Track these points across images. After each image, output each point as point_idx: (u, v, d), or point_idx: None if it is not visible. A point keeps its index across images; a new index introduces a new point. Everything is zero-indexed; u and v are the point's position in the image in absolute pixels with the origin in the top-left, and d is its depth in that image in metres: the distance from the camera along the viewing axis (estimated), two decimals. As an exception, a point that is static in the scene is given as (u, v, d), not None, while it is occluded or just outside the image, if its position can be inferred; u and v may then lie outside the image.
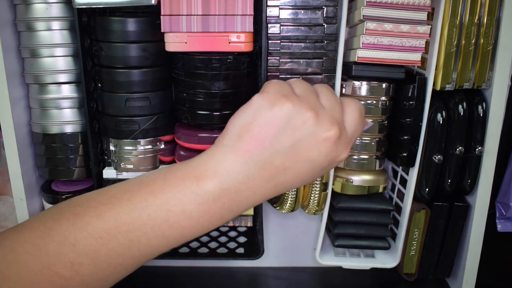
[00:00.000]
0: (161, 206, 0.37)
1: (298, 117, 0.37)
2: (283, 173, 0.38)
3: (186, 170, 0.38)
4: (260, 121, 0.37)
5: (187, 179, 0.37)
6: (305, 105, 0.38)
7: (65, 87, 0.64)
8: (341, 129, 0.39)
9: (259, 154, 0.37)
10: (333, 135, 0.38)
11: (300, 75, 0.61)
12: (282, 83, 0.40)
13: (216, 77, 0.59)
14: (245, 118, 0.38)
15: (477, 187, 0.65)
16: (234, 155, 0.37)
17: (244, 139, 0.37)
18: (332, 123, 0.38)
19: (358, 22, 0.59)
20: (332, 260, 0.72)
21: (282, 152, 0.38)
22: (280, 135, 0.37)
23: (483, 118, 0.62)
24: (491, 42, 0.59)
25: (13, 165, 0.63)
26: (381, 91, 0.61)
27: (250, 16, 0.57)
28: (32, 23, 0.61)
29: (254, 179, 0.38)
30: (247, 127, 0.38)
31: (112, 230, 0.36)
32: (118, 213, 0.37)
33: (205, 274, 0.79)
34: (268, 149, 0.37)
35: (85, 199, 0.39)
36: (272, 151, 0.37)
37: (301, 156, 0.38)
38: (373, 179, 0.66)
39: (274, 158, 0.38)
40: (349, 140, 0.41)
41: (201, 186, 0.37)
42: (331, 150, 0.39)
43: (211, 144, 0.62)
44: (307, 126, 0.37)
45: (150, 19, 0.59)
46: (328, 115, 0.39)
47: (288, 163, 0.38)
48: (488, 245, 0.68)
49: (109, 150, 0.65)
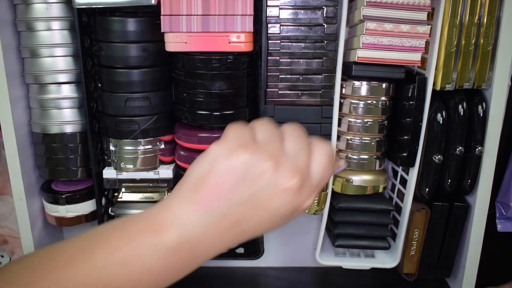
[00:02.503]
0: (121, 265, 0.35)
1: (255, 168, 0.36)
2: (244, 223, 0.37)
3: (143, 222, 0.37)
4: (216, 172, 0.36)
5: (145, 232, 0.36)
6: (264, 154, 0.36)
7: (65, 87, 0.64)
8: (303, 178, 0.37)
9: (217, 206, 0.36)
10: (294, 186, 0.36)
11: (300, 75, 0.61)
12: (243, 129, 0.38)
13: (216, 77, 0.59)
14: (202, 169, 0.37)
15: (477, 187, 0.64)
16: (192, 207, 0.36)
17: (201, 191, 0.36)
18: (293, 172, 0.36)
19: (358, 22, 0.59)
20: (332, 260, 0.72)
21: (240, 203, 0.36)
22: (238, 186, 0.36)
23: (483, 118, 0.62)
24: (491, 42, 0.59)
25: (13, 165, 0.63)
26: (381, 91, 0.61)
27: (250, 16, 0.57)
28: (32, 23, 0.61)
29: (213, 230, 0.36)
30: (204, 178, 0.36)
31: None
32: (77, 276, 0.35)
33: (205, 274, 0.79)
34: (225, 200, 0.36)
35: (39, 263, 0.37)
36: (230, 203, 0.36)
37: (261, 206, 0.37)
38: (373, 179, 0.66)
39: (232, 209, 0.36)
40: (315, 188, 0.39)
41: (159, 238, 0.36)
42: (292, 200, 0.37)
43: (211, 144, 0.63)
44: (265, 176, 0.36)
45: (150, 19, 0.59)
46: (290, 164, 0.37)
47: (248, 213, 0.37)
48: (488, 245, 0.68)
49: (109, 150, 0.65)
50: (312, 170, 0.39)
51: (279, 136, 0.39)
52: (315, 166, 0.39)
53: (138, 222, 0.37)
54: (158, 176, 0.65)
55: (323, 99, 0.62)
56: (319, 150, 0.39)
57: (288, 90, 0.62)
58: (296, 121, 0.63)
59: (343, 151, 0.65)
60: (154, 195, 0.70)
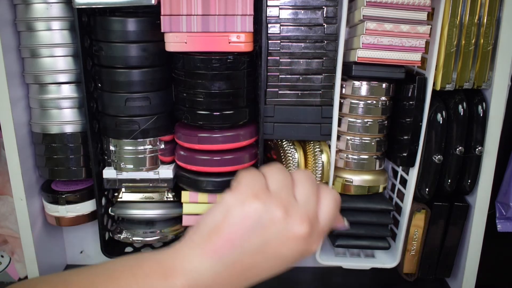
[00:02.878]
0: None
1: (267, 215, 0.37)
2: (254, 269, 0.38)
3: (154, 265, 0.37)
4: (229, 221, 0.37)
5: (155, 275, 0.36)
6: (275, 202, 0.38)
7: (65, 87, 0.64)
8: (312, 224, 0.39)
9: (229, 254, 0.37)
10: (304, 232, 0.38)
11: (300, 75, 0.61)
12: (255, 176, 0.40)
13: (216, 77, 0.59)
14: (215, 218, 0.38)
15: (477, 187, 0.64)
16: (203, 254, 0.37)
17: (214, 239, 0.37)
18: (302, 219, 0.38)
19: (358, 22, 0.59)
20: (332, 260, 0.72)
21: (251, 251, 0.38)
22: (250, 235, 0.37)
23: (483, 118, 0.62)
24: (491, 42, 0.59)
25: (13, 165, 0.63)
26: (381, 91, 0.61)
27: (250, 16, 0.57)
28: (32, 23, 0.61)
29: (223, 276, 0.37)
30: (217, 228, 0.37)
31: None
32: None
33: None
34: (237, 249, 0.37)
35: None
36: (242, 250, 0.37)
37: (271, 253, 0.38)
38: (373, 179, 0.66)
39: (243, 257, 0.38)
40: (322, 232, 0.41)
41: (169, 283, 0.36)
42: (301, 246, 0.38)
43: (211, 144, 0.63)
44: (276, 224, 0.37)
45: (150, 19, 0.59)
46: (300, 211, 0.38)
47: (258, 260, 0.38)
48: (488, 245, 0.68)
49: (109, 150, 0.65)
50: (321, 216, 0.40)
51: (290, 182, 0.40)
52: (324, 212, 0.40)
53: (149, 264, 0.37)
54: (158, 176, 0.65)
55: (323, 99, 0.62)
56: (327, 197, 0.41)
57: (288, 90, 0.62)
58: (296, 121, 0.63)
59: (343, 151, 0.65)
60: (154, 195, 0.70)
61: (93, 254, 0.80)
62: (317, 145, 0.64)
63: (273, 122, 0.63)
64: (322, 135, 0.63)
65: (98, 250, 0.70)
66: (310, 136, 0.63)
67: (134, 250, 0.73)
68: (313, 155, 0.64)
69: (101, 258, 0.71)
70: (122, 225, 0.71)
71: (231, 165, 0.63)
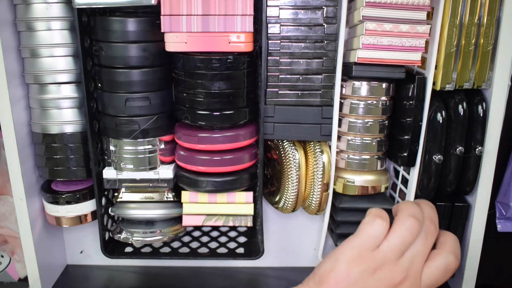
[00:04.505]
0: None
1: (368, 275, 0.44)
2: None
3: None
4: (336, 272, 0.44)
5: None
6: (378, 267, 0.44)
7: (65, 87, 0.64)
8: (410, 280, 0.44)
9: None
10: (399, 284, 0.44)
11: (300, 75, 0.61)
12: (373, 236, 0.48)
13: (216, 77, 0.59)
14: (327, 265, 0.46)
15: (477, 187, 0.64)
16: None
17: (324, 284, 0.44)
18: (401, 271, 0.44)
19: (358, 23, 0.59)
20: (332, 260, 0.71)
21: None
22: (355, 283, 0.44)
23: (483, 118, 0.62)
24: (491, 42, 0.59)
25: (13, 165, 0.63)
26: (381, 91, 0.61)
27: (250, 16, 0.57)
28: (32, 23, 0.61)
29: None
30: (326, 275, 0.45)
31: None
32: None
33: (205, 274, 0.79)
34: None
35: None
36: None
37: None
38: (374, 179, 0.66)
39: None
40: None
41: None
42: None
43: (211, 144, 0.63)
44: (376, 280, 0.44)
45: (150, 19, 0.59)
46: (403, 266, 0.44)
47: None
48: (488, 245, 0.68)
49: (109, 150, 0.65)
50: (424, 275, 0.45)
51: (407, 240, 0.45)
52: (426, 275, 0.45)
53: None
54: (158, 176, 0.65)
55: (323, 99, 0.62)
56: (439, 260, 0.46)
57: (288, 90, 0.62)
58: (296, 121, 0.63)
59: (344, 151, 0.65)
60: (154, 195, 0.70)
61: (93, 254, 0.80)
62: (318, 145, 0.64)
63: (273, 122, 0.63)
64: (322, 136, 0.63)
65: (98, 250, 0.70)
66: (310, 136, 0.63)
67: (134, 250, 0.73)
68: (314, 155, 0.64)
69: (101, 258, 0.71)
70: (122, 225, 0.71)
71: (231, 165, 0.63)
